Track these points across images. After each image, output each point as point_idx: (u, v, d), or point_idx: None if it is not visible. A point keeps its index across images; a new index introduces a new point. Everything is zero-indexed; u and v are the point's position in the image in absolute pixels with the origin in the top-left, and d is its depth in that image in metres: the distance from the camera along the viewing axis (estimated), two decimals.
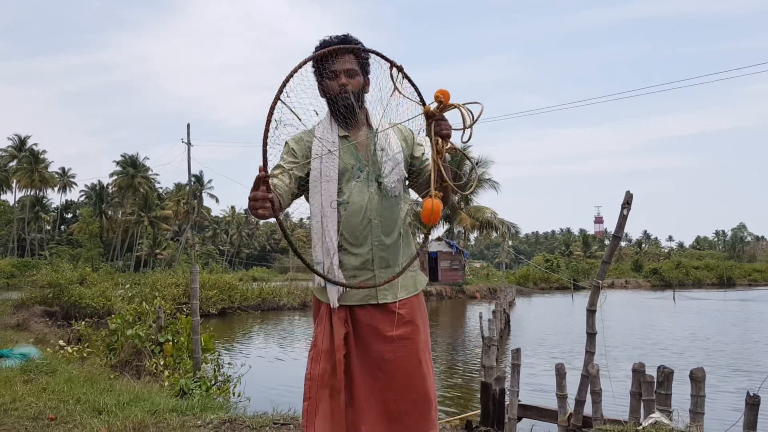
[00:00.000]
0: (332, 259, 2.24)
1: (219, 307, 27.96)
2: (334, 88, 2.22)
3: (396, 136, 2.34)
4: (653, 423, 4.43)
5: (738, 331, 21.43)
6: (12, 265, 42.48)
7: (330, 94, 2.23)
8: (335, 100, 2.22)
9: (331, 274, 2.23)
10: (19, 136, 63.08)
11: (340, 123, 2.28)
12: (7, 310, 17.73)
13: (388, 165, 2.25)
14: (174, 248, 67.38)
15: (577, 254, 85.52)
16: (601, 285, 5.44)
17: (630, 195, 5.39)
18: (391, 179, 2.25)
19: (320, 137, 2.26)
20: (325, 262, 2.27)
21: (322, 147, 2.23)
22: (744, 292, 49.24)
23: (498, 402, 5.32)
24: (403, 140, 2.37)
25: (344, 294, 2.26)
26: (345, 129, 2.28)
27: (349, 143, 2.27)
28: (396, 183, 2.25)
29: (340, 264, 2.26)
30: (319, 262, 2.29)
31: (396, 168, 2.26)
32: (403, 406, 2.23)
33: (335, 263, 2.24)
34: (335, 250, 2.24)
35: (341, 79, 2.22)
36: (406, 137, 2.39)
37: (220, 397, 7.43)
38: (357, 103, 2.24)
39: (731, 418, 5.63)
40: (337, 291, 2.25)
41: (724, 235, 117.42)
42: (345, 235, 2.25)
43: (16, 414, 4.58)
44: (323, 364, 2.23)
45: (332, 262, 2.25)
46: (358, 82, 2.25)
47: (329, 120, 2.29)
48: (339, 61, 2.21)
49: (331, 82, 2.22)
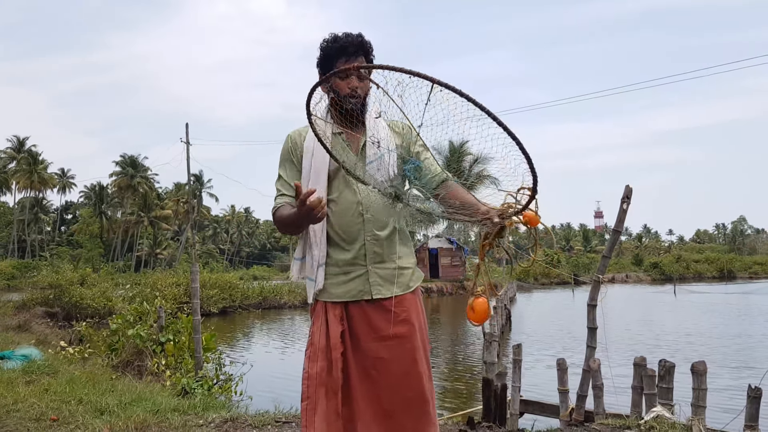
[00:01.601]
0: (314, 254, 2.25)
1: (220, 306, 27.96)
2: (343, 89, 2.16)
3: (389, 134, 2.29)
4: (655, 417, 4.44)
5: (739, 324, 21.45)
6: (13, 266, 42.57)
7: (338, 93, 2.17)
8: (341, 100, 2.16)
9: (311, 270, 2.26)
10: (17, 137, 63.03)
11: (336, 120, 2.25)
12: (8, 311, 17.73)
13: (373, 165, 2.19)
14: (174, 248, 67.43)
15: (578, 249, 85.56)
16: (602, 279, 5.44)
17: (629, 189, 5.38)
18: (379, 178, 2.16)
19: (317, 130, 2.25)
20: (307, 257, 2.29)
21: (314, 143, 2.20)
22: (744, 285, 49.23)
23: (499, 398, 5.32)
24: (398, 136, 2.32)
25: (338, 290, 2.25)
26: (340, 126, 2.25)
27: (342, 141, 2.24)
28: (385, 180, 2.16)
29: (330, 259, 2.26)
30: (298, 258, 2.31)
31: (382, 168, 2.19)
32: (398, 405, 2.21)
33: (317, 259, 2.25)
34: (321, 246, 2.24)
35: (353, 81, 2.17)
36: (401, 133, 2.34)
37: (222, 396, 7.44)
38: (362, 108, 2.20)
39: (733, 411, 5.64)
40: (314, 286, 2.26)
41: (725, 228, 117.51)
42: (336, 231, 2.24)
43: (18, 415, 4.59)
44: (321, 362, 2.22)
45: (313, 258, 2.26)
46: (366, 86, 2.20)
47: (326, 114, 2.26)
48: (351, 62, 2.17)
49: (341, 82, 2.16)
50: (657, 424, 4.29)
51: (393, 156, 2.23)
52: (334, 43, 2.21)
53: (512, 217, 1.82)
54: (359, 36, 2.22)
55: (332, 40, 2.21)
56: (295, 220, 2.06)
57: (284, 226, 2.21)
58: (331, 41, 2.21)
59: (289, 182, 2.30)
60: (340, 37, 2.21)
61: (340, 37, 2.21)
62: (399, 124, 2.34)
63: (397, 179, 2.22)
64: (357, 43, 2.20)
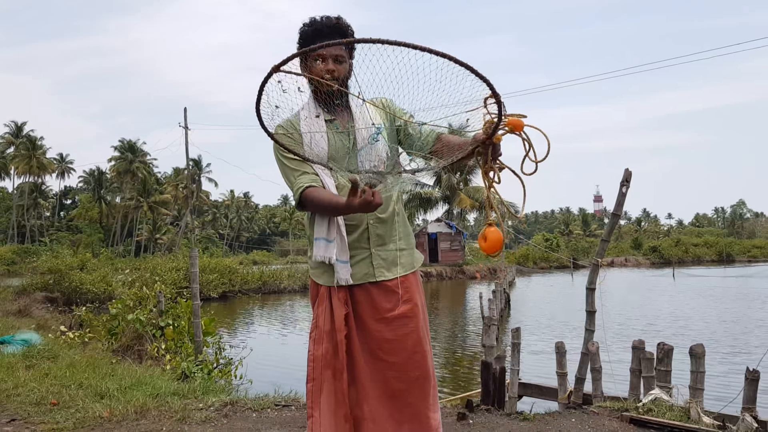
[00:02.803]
0: (343, 236, 2.21)
1: (220, 291, 28.03)
2: (319, 73, 2.13)
3: (375, 113, 2.25)
4: (653, 399, 4.45)
5: (738, 308, 21.51)
6: (12, 251, 42.63)
7: (314, 77, 2.13)
8: (318, 84, 2.13)
9: (342, 253, 2.21)
10: (15, 122, 62.89)
11: (322, 107, 2.22)
12: (8, 296, 17.80)
13: (366, 149, 2.17)
14: (174, 233, 67.46)
15: (577, 233, 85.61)
16: (600, 263, 5.44)
17: (629, 173, 5.35)
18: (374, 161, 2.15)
19: (306, 119, 2.22)
20: (336, 240, 2.23)
21: (310, 130, 2.19)
22: (743, 269, 49.36)
23: (498, 381, 5.34)
24: (381, 112, 2.28)
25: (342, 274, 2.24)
26: (330, 113, 2.23)
27: (335, 128, 2.22)
28: (378, 163, 2.14)
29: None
30: (330, 240, 2.24)
31: (374, 151, 2.16)
32: (405, 384, 2.24)
33: (345, 243, 2.21)
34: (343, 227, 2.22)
35: (329, 64, 2.14)
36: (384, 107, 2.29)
37: (221, 380, 7.46)
38: (341, 90, 2.17)
39: (731, 393, 5.67)
40: (348, 270, 2.22)
41: (724, 212, 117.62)
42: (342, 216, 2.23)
43: (18, 399, 4.60)
44: (326, 345, 2.23)
45: (342, 241, 2.22)
46: (344, 69, 2.18)
47: (313, 102, 2.24)
48: None
49: (318, 66, 2.13)
50: (655, 406, 4.30)
51: (383, 135, 2.21)
52: (310, 26, 2.19)
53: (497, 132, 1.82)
54: (337, 18, 2.20)
55: (309, 24, 2.20)
56: (344, 210, 1.99)
57: (321, 208, 2.15)
58: (308, 24, 2.20)
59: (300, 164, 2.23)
60: (317, 20, 2.19)
61: (317, 20, 2.19)
62: (378, 101, 2.29)
63: (391, 157, 2.21)
64: (332, 25, 2.18)
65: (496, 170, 1.92)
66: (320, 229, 2.26)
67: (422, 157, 2.12)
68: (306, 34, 2.20)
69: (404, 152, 2.28)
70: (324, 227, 2.25)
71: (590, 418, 4.25)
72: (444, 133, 2.18)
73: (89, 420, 4.01)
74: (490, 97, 1.74)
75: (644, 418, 4.09)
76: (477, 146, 1.88)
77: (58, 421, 3.99)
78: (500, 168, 1.94)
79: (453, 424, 4.08)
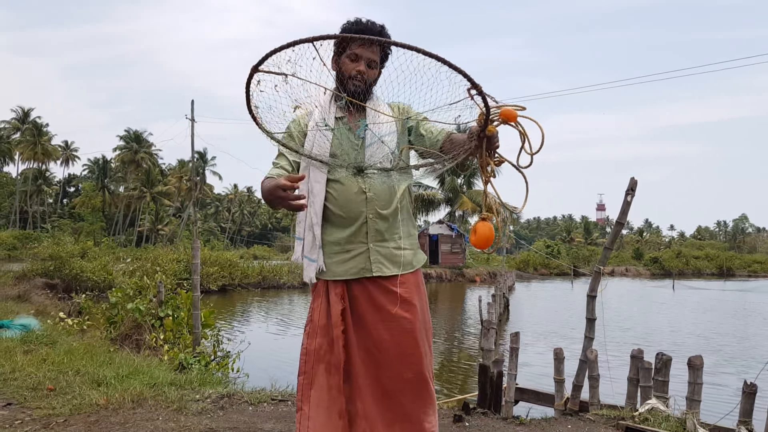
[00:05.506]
0: (315, 234, 2.24)
1: (219, 284, 28.08)
2: (350, 70, 2.15)
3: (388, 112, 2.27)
4: (649, 409, 4.45)
5: (736, 321, 21.48)
6: (14, 236, 42.71)
7: (343, 73, 2.16)
8: (345, 81, 2.15)
9: (312, 250, 2.25)
10: (22, 108, 62.97)
11: (339, 104, 2.23)
12: (8, 281, 17.81)
13: (373, 147, 2.18)
14: (176, 224, 67.53)
15: (579, 241, 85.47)
16: (603, 271, 5.43)
17: (634, 181, 5.35)
18: (375, 159, 2.15)
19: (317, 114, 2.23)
20: (306, 238, 2.28)
21: (315, 126, 2.20)
22: (743, 283, 49.25)
23: (495, 385, 5.34)
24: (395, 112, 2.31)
25: (339, 268, 2.24)
26: (343, 111, 2.24)
27: (343, 125, 2.23)
28: (383, 160, 2.15)
29: (332, 238, 2.26)
30: (301, 239, 2.30)
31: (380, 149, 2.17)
32: (398, 385, 2.22)
33: (318, 239, 2.24)
34: (320, 226, 2.24)
35: (360, 65, 2.15)
36: (398, 110, 2.33)
37: (219, 373, 7.47)
38: (366, 94, 2.19)
39: (728, 406, 5.66)
40: (316, 268, 2.25)
41: (726, 225, 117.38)
42: (338, 209, 2.23)
43: (15, 384, 4.61)
44: (319, 339, 2.24)
45: (314, 238, 2.25)
46: (374, 74, 2.21)
47: (331, 98, 2.25)
48: (366, 48, 2.15)
49: (350, 63, 2.15)
50: (651, 416, 4.30)
51: (393, 137, 2.22)
52: (354, 25, 2.19)
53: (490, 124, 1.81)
54: (381, 27, 2.20)
55: (354, 23, 2.19)
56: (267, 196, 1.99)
57: (264, 198, 2.13)
58: (353, 23, 2.19)
59: (280, 157, 2.29)
60: (363, 22, 2.19)
61: (363, 22, 2.19)
62: (395, 106, 2.33)
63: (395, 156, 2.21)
64: (376, 31, 2.17)
65: (492, 163, 1.91)
66: (299, 228, 2.32)
67: (432, 156, 2.12)
68: (349, 31, 2.19)
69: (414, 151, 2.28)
70: (301, 226, 2.30)
71: (586, 425, 4.25)
72: (453, 132, 2.18)
73: (85, 407, 4.01)
74: (472, 88, 1.73)
75: (640, 428, 4.09)
76: (475, 140, 1.88)
77: (54, 407, 3.99)
78: (499, 161, 1.92)
79: (449, 426, 4.08)
